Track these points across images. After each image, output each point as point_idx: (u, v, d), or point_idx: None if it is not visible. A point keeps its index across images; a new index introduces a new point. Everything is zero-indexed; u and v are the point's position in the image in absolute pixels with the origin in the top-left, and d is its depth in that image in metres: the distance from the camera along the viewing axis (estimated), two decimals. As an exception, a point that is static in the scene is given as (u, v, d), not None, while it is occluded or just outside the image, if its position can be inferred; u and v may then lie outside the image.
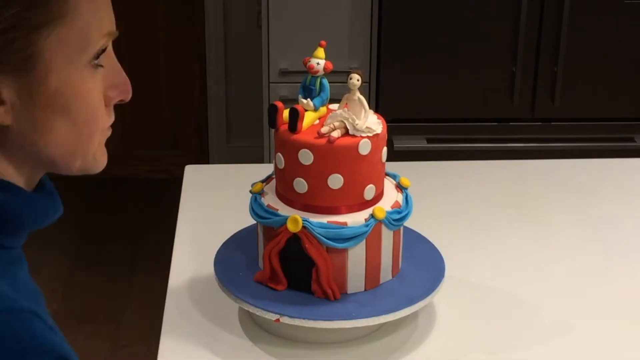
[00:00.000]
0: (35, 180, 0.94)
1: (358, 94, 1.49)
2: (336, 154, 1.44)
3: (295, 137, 1.46)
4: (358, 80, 1.48)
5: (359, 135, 1.46)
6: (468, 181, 2.17)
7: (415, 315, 1.59)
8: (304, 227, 1.45)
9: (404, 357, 1.52)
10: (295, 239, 1.46)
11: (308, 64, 1.49)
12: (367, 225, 1.48)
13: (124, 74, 0.96)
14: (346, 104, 1.50)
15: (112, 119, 0.97)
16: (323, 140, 1.45)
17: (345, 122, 1.47)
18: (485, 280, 1.75)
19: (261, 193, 1.55)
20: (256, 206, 1.52)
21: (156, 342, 1.55)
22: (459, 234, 1.91)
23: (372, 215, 1.48)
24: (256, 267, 1.56)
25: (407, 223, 1.59)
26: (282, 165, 1.49)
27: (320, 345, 1.53)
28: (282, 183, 1.51)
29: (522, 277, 1.77)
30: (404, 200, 1.55)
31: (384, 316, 1.47)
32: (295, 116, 1.46)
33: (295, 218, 1.45)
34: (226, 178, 2.11)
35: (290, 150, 1.46)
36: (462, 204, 2.06)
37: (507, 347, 1.56)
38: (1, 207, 0.88)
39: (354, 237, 1.47)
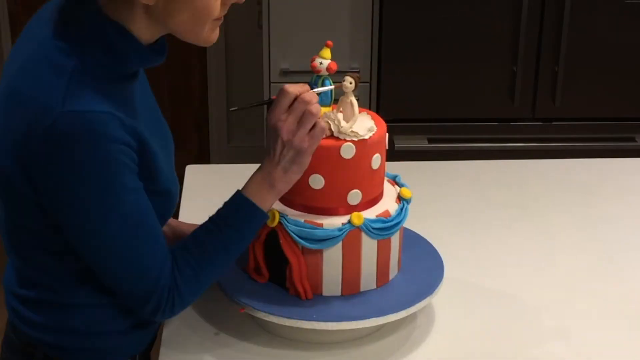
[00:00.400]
0: (155, 38, 1.34)
1: (351, 97, 1.47)
2: (317, 154, 1.43)
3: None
4: (351, 83, 1.47)
5: (342, 139, 1.45)
6: (469, 181, 2.17)
7: (414, 316, 1.59)
8: (280, 222, 1.46)
9: (404, 358, 1.52)
10: (274, 234, 1.47)
11: (312, 63, 1.49)
12: (340, 230, 1.47)
13: None
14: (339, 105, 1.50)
15: (224, 11, 1.34)
16: None
17: (331, 123, 1.46)
18: (485, 281, 1.75)
19: None
20: None
21: (157, 342, 1.55)
22: (459, 234, 1.91)
23: (349, 221, 1.47)
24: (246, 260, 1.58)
25: (408, 223, 1.59)
26: None
27: (320, 346, 1.53)
28: None
29: (522, 277, 1.77)
30: (399, 211, 1.53)
31: (382, 317, 1.47)
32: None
33: (273, 212, 1.46)
34: (227, 178, 2.10)
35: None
36: (463, 204, 2.06)
37: (506, 348, 1.56)
38: (117, 48, 1.28)
39: (327, 240, 1.46)
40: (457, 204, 2.06)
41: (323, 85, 1.49)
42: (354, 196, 1.48)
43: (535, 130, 3.21)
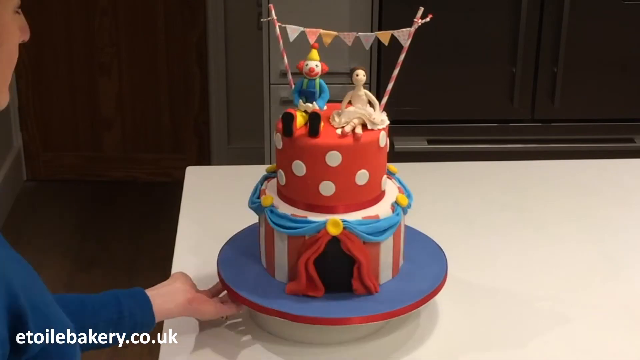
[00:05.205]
0: None
1: (363, 90, 1.50)
2: (363, 150, 1.46)
3: (320, 141, 1.46)
4: (364, 75, 1.50)
5: (376, 129, 1.48)
6: (468, 182, 2.18)
7: (417, 314, 1.60)
8: (344, 227, 1.45)
9: (406, 356, 1.53)
10: (332, 242, 1.46)
11: (307, 68, 1.49)
12: (397, 215, 1.50)
13: (24, 18, 1.17)
14: (349, 101, 1.51)
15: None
16: (350, 139, 1.46)
17: (364, 117, 1.48)
18: (485, 280, 1.75)
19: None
20: (277, 218, 1.49)
21: (157, 342, 1.56)
22: (459, 235, 1.92)
23: (398, 204, 1.51)
24: (259, 267, 1.57)
25: (407, 222, 1.60)
26: (303, 172, 1.48)
27: (320, 345, 1.53)
28: (302, 189, 1.49)
29: (521, 277, 1.77)
30: (404, 188, 1.58)
31: (383, 314, 1.48)
32: (317, 120, 1.45)
33: (335, 221, 1.45)
34: (227, 179, 2.12)
35: (316, 154, 1.45)
36: (463, 205, 2.06)
37: (507, 345, 1.57)
38: None
39: (388, 229, 1.49)
40: (457, 206, 2.06)
41: (321, 86, 1.50)
42: (384, 181, 1.53)
43: (535, 131, 3.22)
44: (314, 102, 1.49)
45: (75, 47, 4.12)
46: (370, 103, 1.51)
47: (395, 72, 1.50)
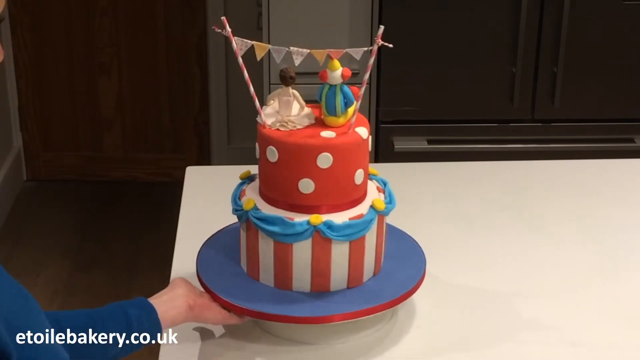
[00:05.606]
0: None
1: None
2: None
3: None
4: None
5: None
6: (468, 182, 2.18)
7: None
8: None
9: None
10: None
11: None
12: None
13: None
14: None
15: None
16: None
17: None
18: (485, 280, 1.75)
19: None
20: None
21: (157, 342, 1.56)
22: (459, 235, 1.92)
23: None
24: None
25: (405, 224, 1.59)
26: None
27: (301, 343, 1.54)
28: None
29: (521, 277, 1.77)
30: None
31: (362, 310, 1.48)
32: None
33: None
34: (227, 179, 2.10)
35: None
36: (463, 205, 2.06)
37: (508, 345, 1.57)
38: None
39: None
40: (457, 206, 2.06)
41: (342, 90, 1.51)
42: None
43: (535, 131, 3.22)
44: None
45: (75, 47, 4.12)
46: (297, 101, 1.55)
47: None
